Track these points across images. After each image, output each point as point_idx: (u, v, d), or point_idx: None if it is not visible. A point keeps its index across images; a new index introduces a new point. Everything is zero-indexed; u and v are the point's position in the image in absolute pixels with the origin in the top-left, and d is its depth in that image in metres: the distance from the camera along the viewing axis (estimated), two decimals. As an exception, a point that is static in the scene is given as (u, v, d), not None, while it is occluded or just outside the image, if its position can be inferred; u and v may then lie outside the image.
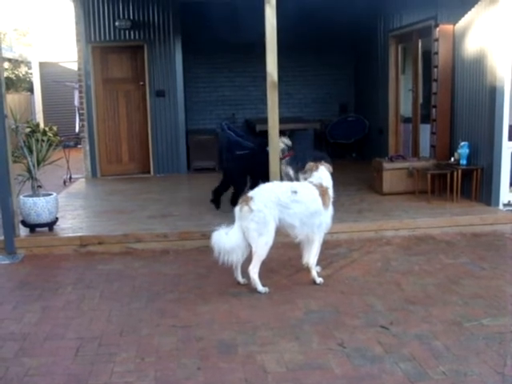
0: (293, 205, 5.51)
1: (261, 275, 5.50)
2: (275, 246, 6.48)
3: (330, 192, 5.84)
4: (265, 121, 8.14)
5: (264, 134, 9.36)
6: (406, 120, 11.05)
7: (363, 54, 12.89)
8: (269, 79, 6.85)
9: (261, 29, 6.92)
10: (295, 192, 5.55)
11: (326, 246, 6.76)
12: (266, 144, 7.15)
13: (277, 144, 7.00)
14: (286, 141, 8.15)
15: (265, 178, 6.89)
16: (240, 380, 3.88)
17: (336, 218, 7.28)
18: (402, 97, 11.22)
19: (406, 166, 8.82)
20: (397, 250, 6.78)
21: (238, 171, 7.98)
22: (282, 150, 8.05)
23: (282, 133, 7.74)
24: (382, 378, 3.84)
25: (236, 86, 13.40)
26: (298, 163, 7.76)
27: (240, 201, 5.56)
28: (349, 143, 12.96)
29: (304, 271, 5.88)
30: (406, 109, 11.08)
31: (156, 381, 3.91)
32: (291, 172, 8.12)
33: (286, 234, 5.73)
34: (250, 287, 5.50)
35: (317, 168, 5.92)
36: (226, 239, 5.35)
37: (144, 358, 4.22)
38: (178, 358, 4.20)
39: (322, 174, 5.89)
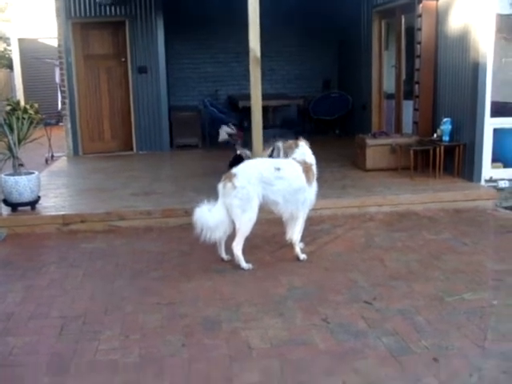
0: (276, 181, 5.51)
1: (244, 252, 5.51)
2: (259, 222, 6.47)
3: (314, 168, 5.84)
4: (248, 97, 8.09)
5: (247, 110, 9.36)
6: (389, 96, 11.04)
7: (347, 29, 12.81)
8: (251, 55, 6.82)
9: (244, 4, 6.85)
10: (278, 169, 5.55)
11: (310, 222, 6.77)
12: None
13: (259, 119, 6.96)
14: (228, 129, 8.11)
15: None
16: (224, 356, 3.90)
17: (319, 195, 7.26)
18: (385, 73, 11.20)
19: (389, 142, 8.84)
20: (380, 226, 6.82)
21: None
22: (231, 136, 8.04)
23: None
24: (365, 353, 3.88)
25: (219, 62, 13.31)
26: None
27: (223, 177, 5.55)
28: (332, 119, 12.94)
29: (287, 248, 5.89)
30: (389, 85, 11.06)
31: (141, 358, 3.91)
32: (248, 152, 8.09)
33: (270, 211, 5.73)
34: (233, 264, 5.52)
35: (297, 145, 5.91)
36: (208, 216, 5.35)
37: (128, 335, 4.23)
38: (163, 335, 4.21)
39: (304, 149, 5.89)
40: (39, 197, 7.34)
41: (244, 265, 5.45)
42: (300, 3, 11.84)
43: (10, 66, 20.23)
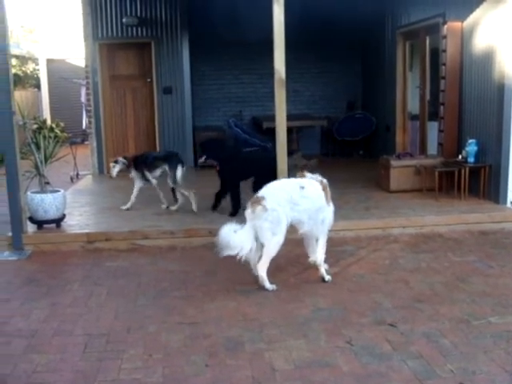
0: (302, 200, 5.51)
1: (268, 273, 5.49)
2: (283, 243, 6.48)
3: (328, 188, 5.83)
4: (272, 118, 8.12)
5: (271, 131, 9.38)
6: (414, 117, 11.01)
7: (371, 50, 12.85)
8: (276, 76, 6.84)
9: (268, 26, 6.90)
10: (303, 187, 5.56)
11: (333, 243, 6.76)
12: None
13: (284, 140, 6.97)
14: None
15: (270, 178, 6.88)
16: (247, 377, 3.88)
17: (342, 216, 7.35)
18: (409, 94, 11.19)
19: (413, 163, 8.79)
20: (404, 247, 6.76)
21: (235, 174, 7.86)
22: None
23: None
24: (389, 376, 3.83)
25: (243, 83, 13.38)
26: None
27: (251, 202, 5.51)
28: (356, 140, 12.92)
29: (312, 269, 5.87)
30: (413, 106, 11.04)
31: (164, 377, 3.91)
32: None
33: (293, 231, 5.70)
34: (257, 284, 5.50)
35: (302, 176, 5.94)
36: (233, 236, 5.33)
37: (152, 354, 4.23)
38: (186, 355, 4.20)
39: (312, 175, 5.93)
40: (64, 215, 7.40)
41: (268, 286, 5.43)
42: (324, 24, 11.90)
43: (38, 86, 20.53)
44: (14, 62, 19.09)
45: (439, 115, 9.17)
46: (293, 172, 6.57)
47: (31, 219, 7.22)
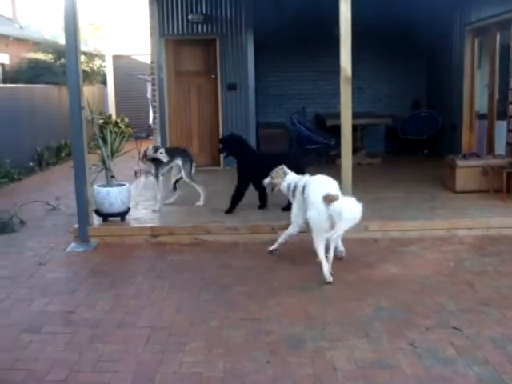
0: None
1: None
2: (346, 241, 6.46)
3: None
4: (335, 115, 8.08)
5: (334, 129, 9.31)
6: (481, 116, 10.74)
7: (437, 48, 12.59)
8: (342, 74, 6.79)
9: (332, 22, 6.85)
10: None
11: (398, 243, 6.73)
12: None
13: (349, 138, 6.91)
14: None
15: None
16: (309, 375, 3.87)
17: (407, 216, 7.25)
18: (477, 92, 10.92)
19: (480, 163, 8.57)
20: (470, 249, 6.60)
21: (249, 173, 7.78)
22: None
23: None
24: (453, 381, 3.75)
25: (306, 80, 13.32)
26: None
27: (328, 199, 5.53)
28: (421, 139, 12.70)
29: (374, 268, 5.85)
30: (481, 105, 10.76)
31: (225, 372, 3.93)
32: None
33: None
34: (319, 282, 5.48)
35: (285, 173, 6.30)
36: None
37: (213, 349, 4.26)
38: (247, 351, 4.21)
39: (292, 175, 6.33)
40: (129, 208, 7.53)
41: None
42: (389, 22, 11.72)
43: (104, 82, 20.96)
44: (82, 58, 19.50)
45: (508, 114, 8.92)
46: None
47: (97, 212, 7.38)
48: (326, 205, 5.53)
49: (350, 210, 5.39)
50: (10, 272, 6.18)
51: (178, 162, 8.25)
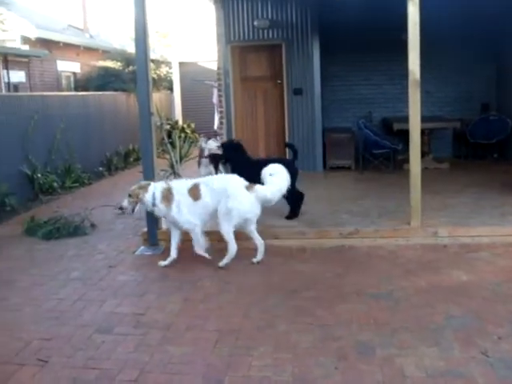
0: None
1: (398, 276, 5.38)
2: (414, 248, 6.39)
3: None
4: (402, 119, 7.98)
5: (401, 133, 9.19)
6: (554, 119, 10.41)
7: (507, 51, 12.27)
8: (411, 77, 6.70)
9: (398, 26, 6.77)
10: None
11: (468, 249, 6.57)
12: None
13: (417, 142, 6.80)
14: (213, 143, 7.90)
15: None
16: (378, 382, 3.82)
17: (477, 221, 7.07)
18: (550, 95, 10.59)
19: (554, 168, 8.31)
20: (543, 256, 6.40)
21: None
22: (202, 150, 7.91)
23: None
24: (530, 392, 3.64)
25: (372, 84, 13.18)
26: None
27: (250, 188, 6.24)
28: (490, 143, 12.39)
29: (443, 274, 5.75)
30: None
31: (293, 377, 3.93)
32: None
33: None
34: (389, 289, 5.43)
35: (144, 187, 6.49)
36: None
37: (281, 353, 4.25)
38: (315, 356, 4.19)
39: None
40: (197, 212, 7.59)
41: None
42: (456, 23, 11.51)
43: (171, 88, 21.30)
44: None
45: None
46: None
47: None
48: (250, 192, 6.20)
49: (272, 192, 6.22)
50: (82, 274, 6.34)
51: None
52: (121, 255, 6.97)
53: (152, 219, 7.09)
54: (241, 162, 7.73)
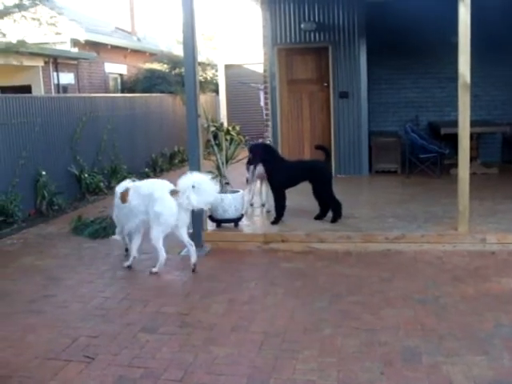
0: None
1: (445, 282, 5.31)
2: (461, 255, 6.29)
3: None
4: (449, 123, 7.86)
5: (449, 137, 9.05)
6: None
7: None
8: (461, 80, 6.60)
9: (447, 28, 6.67)
10: None
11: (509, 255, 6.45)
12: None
13: (467, 146, 6.70)
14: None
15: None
16: (425, 390, 3.77)
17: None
18: None
19: None
20: None
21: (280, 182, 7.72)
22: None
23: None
24: None
25: (419, 88, 13.03)
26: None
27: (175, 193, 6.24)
28: (541, 149, 12.12)
29: (491, 282, 5.64)
30: None
31: (338, 381, 3.90)
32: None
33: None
34: (435, 294, 5.36)
35: None
36: None
37: (326, 357, 4.23)
38: (361, 361, 4.16)
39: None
40: (242, 215, 7.63)
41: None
42: (507, 27, 11.29)
43: (216, 91, 21.42)
44: (196, 67, 20.01)
45: None
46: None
47: (211, 218, 7.52)
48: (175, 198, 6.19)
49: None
50: (128, 273, 6.42)
51: None
52: (166, 255, 7.01)
53: (198, 220, 7.14)
54: (273, 163, 7.74)
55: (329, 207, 7.66)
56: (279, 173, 7.61)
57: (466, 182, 6.68)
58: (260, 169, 8.16)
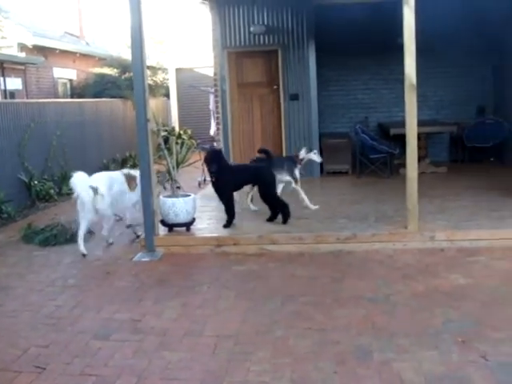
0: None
1: (394, 281, 5.38)
2: (411, 253, 6.41)
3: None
4: (399, 124, 7.98)
5: (398, 138, 9.19)
6: (551, 122, 10.42)
7: (503, 54, 12.30)
8: (407, 81, 6.70)
9: (394, 30, 6.78)
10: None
11: (466, 253, 6.57)
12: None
13: (414, 146, 6.80)
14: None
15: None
16: (377, 387, 3.81)
17: (475, 225, 7.08)
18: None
19: (551, 171, 8.30)
20: (542, 259, 6.40)
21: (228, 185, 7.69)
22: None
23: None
24: (531, 396, 3.63)
25: (369, 89, 13.21)
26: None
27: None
28: (487, 147, 12.40)
29: (442, 279, 5.75)
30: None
31: (292, 382, 3.92)
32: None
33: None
34: (386, 293, 5.42)
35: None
36: None
37: (279, 358, 4.24)
38: (314, 361, 4.18)
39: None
40: (194, 218, 7.60)
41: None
42: (452, 27, 11.52)
43: (167, 95, 21.30)
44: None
45: None
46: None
47: (162, 222, 7.47)
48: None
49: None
50: (79, 281, 6.34)
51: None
52: (118, 262, 6.96)
53: (150, 225, 7.09)
54: (219, 168, 7.60)
55: (283, 205, 7.68)
56: (226, 177, 7.57)
57: (414, 181, 6.79)
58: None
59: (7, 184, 10.07)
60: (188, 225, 7.49)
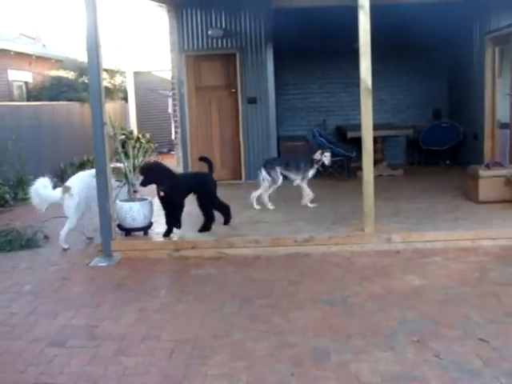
0: None
1: (351, 283, 5.46)
2: (368, 255, 6.48)
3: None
4: (356, 127, 8.08)
5: (355, 141, 9.29)
6: (503, 126, 10.66)
7: (457, 57, 12.55)
8: (362, 85, 6.78)
9: (351, 35, 6.85)
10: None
11: (421, 254, 6.68)
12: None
13: (370, 150, 6.88)
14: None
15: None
16: (333, 388, 3.84)
17: (430, 226, 7.20)
18: (498, 101, 10.85)
19: (503, 173, 8.48)
20: (494, 260, 6.53)
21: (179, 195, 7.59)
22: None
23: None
24: (481, 393, 3.71)
25: (327, 93, 13.36)
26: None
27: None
28: (442, 150, 12.63)
29: (398, 280, 5.83)
30: (503, 114, 10.69)
31: (249, 385, 3.93)
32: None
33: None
34: (343, 295, 5.48)
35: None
36: None
37: (237, 362, 4.25)
38: (271, 364, 4.20)
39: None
40: (152, 223, 7.56)
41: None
42: (408, 32, 11.71)
43: (125, 98, 21.13)
44: (103, 75, 19.68)
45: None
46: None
47: (119, 226, 7.42)
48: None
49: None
50: (35, 287, 6.23)
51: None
52: (75, 267, 6.88)
53: (106, 230, 7.03)
54: (170, 180, 7.42)
55: (212, 218, 7.63)
56: (178, 187, 7.45)
57: (370, 184, 6.87)
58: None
59: (-40, 189, 9.86)
60: (145, 229, 7.45)
